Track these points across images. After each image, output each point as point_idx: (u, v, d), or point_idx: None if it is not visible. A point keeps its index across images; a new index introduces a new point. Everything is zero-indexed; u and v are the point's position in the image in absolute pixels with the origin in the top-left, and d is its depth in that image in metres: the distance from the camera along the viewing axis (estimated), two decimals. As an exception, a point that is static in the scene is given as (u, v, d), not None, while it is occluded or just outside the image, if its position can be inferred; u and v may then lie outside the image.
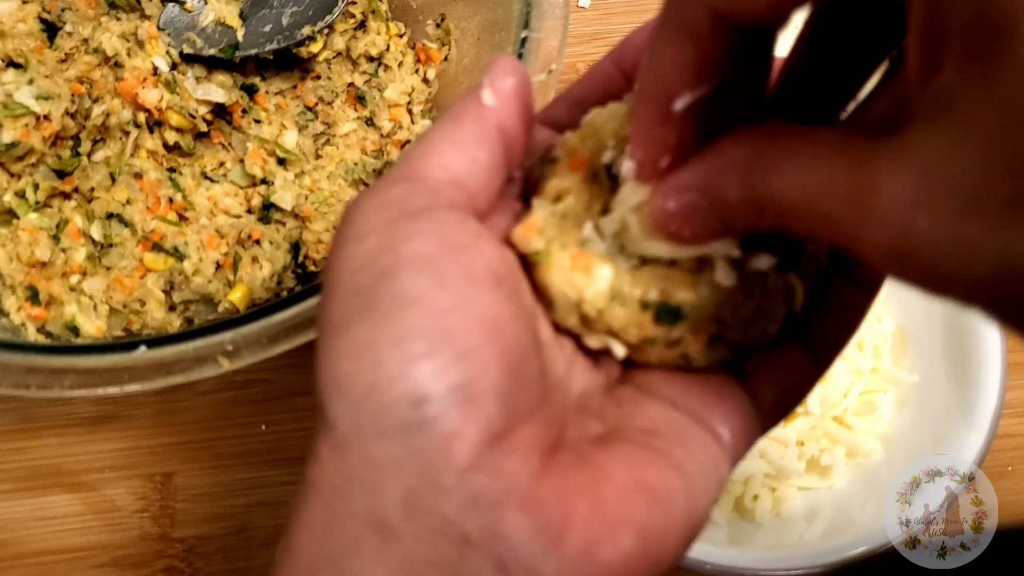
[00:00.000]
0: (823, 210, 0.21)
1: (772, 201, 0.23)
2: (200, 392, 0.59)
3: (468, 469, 0.22)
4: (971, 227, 0.18)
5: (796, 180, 0.22)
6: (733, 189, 0.24)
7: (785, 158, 0.22)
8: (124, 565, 0.54)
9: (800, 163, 0.22)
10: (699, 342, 0.27)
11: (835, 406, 0.52)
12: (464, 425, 0.22)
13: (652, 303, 0.26)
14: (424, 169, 0.25)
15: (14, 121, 0.52)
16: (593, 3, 0.73)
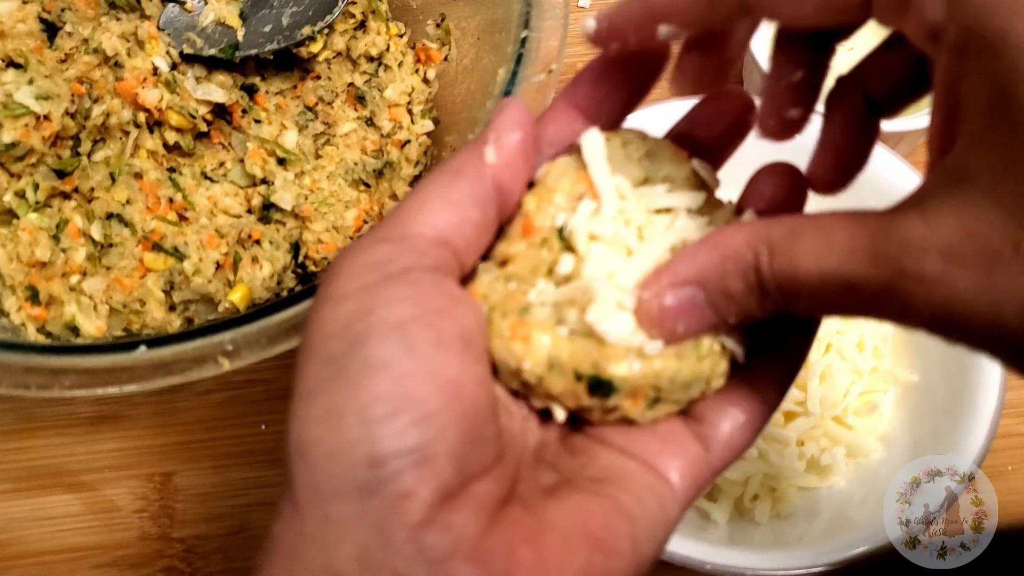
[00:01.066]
0: (844, 278, 0.23)
1: (781, 283, 0.24)
2: (200, 392, 0.59)
3: (419, 526, 0.23)
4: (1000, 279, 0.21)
5: (809, 255, 0.23)
6: (735, 279, 0.25)
7: (793, 239, 0.24)
8: (124, 565, 0.54)
9: (812, 239, 0.23)
10: (637, 407, 0.28)
11: (835, 406, 0.52)
12: (418, 484, 0.23)
13: (585, 376, 0.27)
14: (413, 227, 0.26)
15: (14, 121, 0.52)
16: (593, 3, 0.73)
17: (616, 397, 0.27)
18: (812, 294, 0.24)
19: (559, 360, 0.27)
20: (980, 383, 0.48)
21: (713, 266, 0.25)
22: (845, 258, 0.23)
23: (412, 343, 0.24)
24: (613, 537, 0.24)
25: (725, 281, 0.25)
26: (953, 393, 0.49)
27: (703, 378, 0.28)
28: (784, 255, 0.24)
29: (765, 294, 0.25)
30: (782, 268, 0.24)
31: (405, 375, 0.23)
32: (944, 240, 0.22)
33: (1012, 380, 0.50)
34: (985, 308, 0.21)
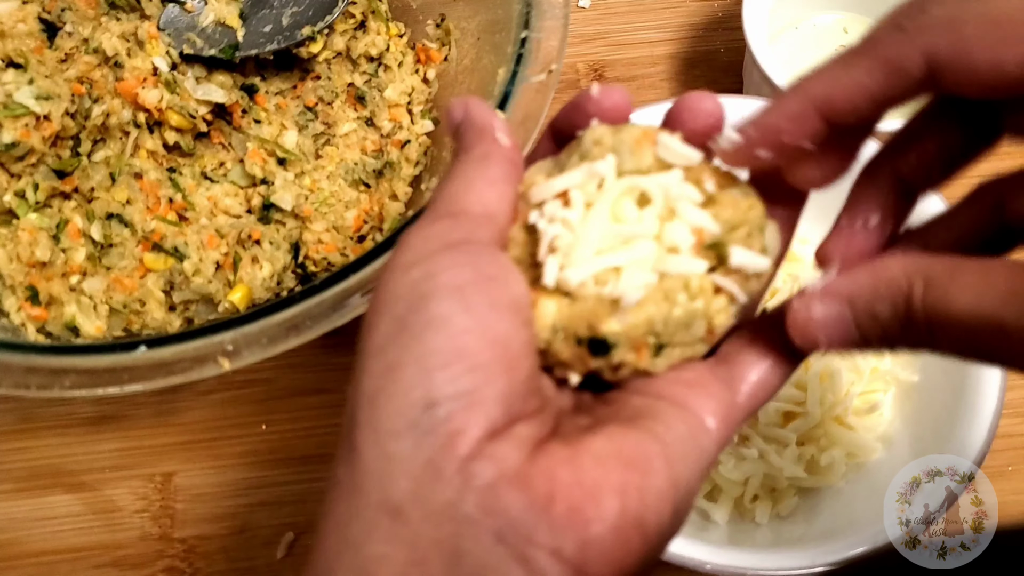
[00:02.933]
0: (1000, 321, 0.23)
1: (931, 316, 0.25)
2: (200, 392, 0.59)
3: (467, 458, 0.25)
4: None
5: (966, 293, 0.24)
6: (885, 303, 0.26)
7: (952, 275, 0.25)
8: (124, 565, 0.54)
9: (972, 278, 0.24)
10: (642, 357, 0.28)
11: (835, 406, 0.52)
12: (468, 423, 0.25)
13: (584, 338, 0.28)
14: (463, 204, 0.28)
15: (14, 121, 0.52)
16: (593, 3, 0.73)
17: (618, 353, 0.28)
18: (961, 333, 0.25)
19: (561, 326, 0.28)
20: (980, 383, 0.48)
21: (866, 287, 0.26)
22: (1004, 300, 0.24)
23: (468, 303, 0.26)
24: (646, 458, 0.26)
25: (875, 304, 0.26)
26: (953, 393, 0.49)
27: (700, 315, 0.28)
28: (940, 289, 0.25)
29: (911, 324, 0.26)
30: (936, 302, 0.25)
31: (461, 331, 0.26)
32: None
33: (1012, 380, 0.50)
34: None
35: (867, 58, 0.26)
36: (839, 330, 0.27)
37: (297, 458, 0.57)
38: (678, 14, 0.73)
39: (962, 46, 0.25)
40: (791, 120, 0.28)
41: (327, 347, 0.60)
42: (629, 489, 0.25)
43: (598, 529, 0.24)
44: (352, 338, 0.64)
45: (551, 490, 0.24)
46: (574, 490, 0.25)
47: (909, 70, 0.26)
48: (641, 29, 0.72)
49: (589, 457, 0.25)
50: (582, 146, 0.30)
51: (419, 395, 0.25)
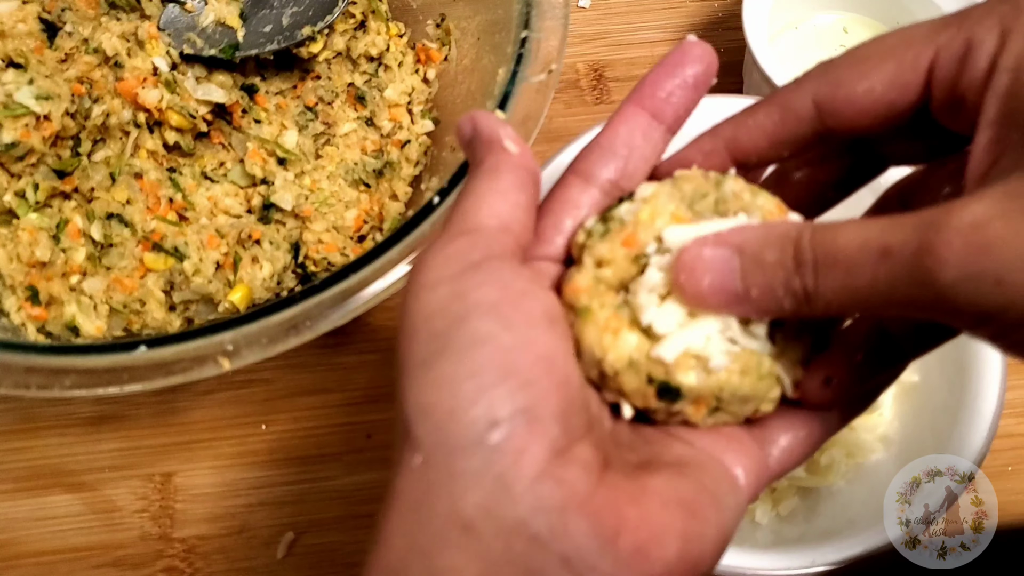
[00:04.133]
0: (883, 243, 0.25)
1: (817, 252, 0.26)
2: (200, 392, 0.59)
3: (536, 479, 0.25)
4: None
5: (852, 229, 0.26)
6: (773, 248, 0.27)
7: (838, 224, 0.26)
8: (124, 565, 0.54)
9: (857, 221, 0.26)
10: (698, 413, 0.30)
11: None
12: (531, 442, 0.25)
13: (656, 380, 0.29)
14: (479, 220, 0.29)
15: (14, 121, 0.52)
16: (593, 3, 0.73)
17: (681, 403, 0.30)
18: (847, 264, 0.25)
19: (637, 361, 0.29)
20: (980, 383, 0.48)
21: (756, 237, 0.28)
22: (887, 228, 0.25)
23: (507, 320, 0.27)
24: (703, 509, 0.27)
25: (763, 250, 0.27)
26: (953, 393, 0.49)
27: (759, 397, 0.30)
28: (828, 230, 0.26)
29: (798, 266, 0.26)
30: (822, 240, 0.26)
31: (506, 347, 0.26)
32: (984, 203, 0.23)
33: (1012, 380, 0.50)
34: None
35: (767, 104, 0.31)
36: (723, 273, 0.28)
37: (297, 458, 0.57)
38: (678, 14, 0.73)
39: (837, 83, 0.29)
40: (705, 156, 0.32)
41: (327, 347, 0.60)
42: (690, 535, 0.26)
43: (659, 570, 0.25)
44: (352, 338, 0.64)
45: (618, 524, 0.25)
46: (641, 529, 0.25)
47: (799, 111, 0.30)
48: (641, 29, 0.72)
49: (654, 498, 0.26)
50: (720, 191, 0.31)
51: (481, 412, 0.25)
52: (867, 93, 0.29)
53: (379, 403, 0.59)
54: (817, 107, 0.30)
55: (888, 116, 0.29)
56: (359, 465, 0.57)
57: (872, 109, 0.29)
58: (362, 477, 0.56)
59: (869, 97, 0.29)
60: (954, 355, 0.50)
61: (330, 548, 0.55)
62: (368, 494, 0.56)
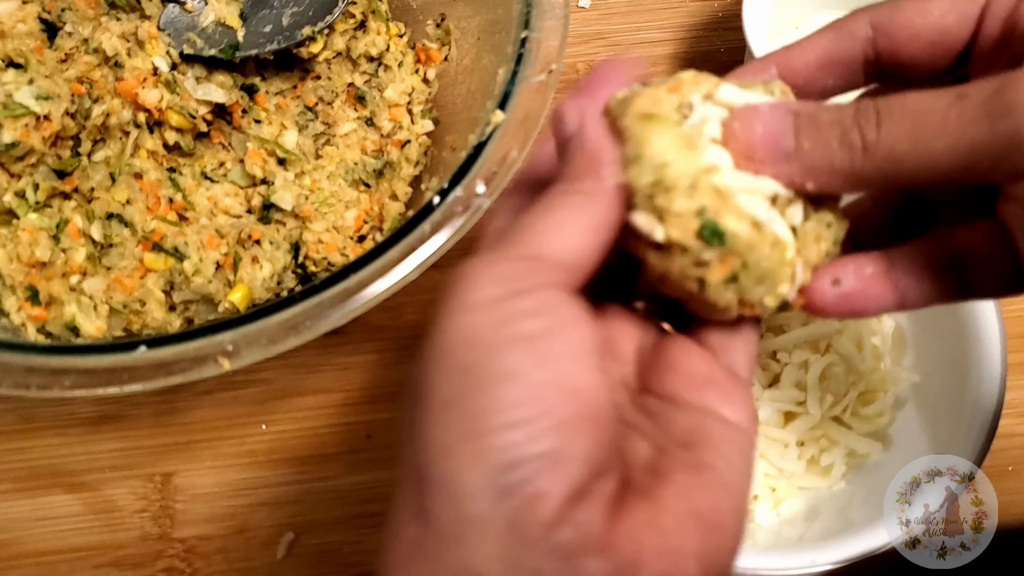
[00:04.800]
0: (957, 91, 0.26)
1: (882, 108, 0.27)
2: (200, 392, 0.59)
3: (551, 524, 0.24)
4: None
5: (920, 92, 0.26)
6: (831, 111, 0.28)
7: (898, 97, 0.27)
8: (124, 565, 0.54)
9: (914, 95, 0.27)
10: (719, 273, 0.29)
11: (835, 406, 0.52)
12: (552, 486, 0.24)
13: (705, 218, 0.28)
14: (549, 250, 0.27)
15: (14, 121, 0.52)
16: (593, 3, 0.73)
17: (713, 251, 0.28)
18: (913, 112, 0.26)
19: (699, 184, 0.28)
20: (980, 384, 0.48)
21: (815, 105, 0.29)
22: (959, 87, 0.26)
23: (542, 354, 0.25)
24: (721, 515, 0.26)
25: (820, 112, 0.28)
26: (953, 393, 0.49)
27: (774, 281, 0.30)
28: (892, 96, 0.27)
29: (860, 119, 0.27)
30: (887, 98, 0.27)
31: (537, 384, 0.25)
32: None
33: (1012, 380, 0.50)
34: None
35: (825, 29, 0.32)
36: (777, 128, 0.28)
37: (297, 458, 0.57)
38: (678, 14, 0.73)
39: (896, 7, 0.31)
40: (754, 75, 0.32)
41: (327, 347, 0.60)
42: (709, 553, 0.26)
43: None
44: (352, 338, 0.64)
45: (637, 557, 0.24)
46: (662, 559, 0.25)
47: (855, 31, 0.31)
48: (641, 29, 0.72)
49: (670, 518, 0.25)
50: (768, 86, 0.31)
51: (500, 456, 0.24)
52: (923, 15, 0.30)
53: (379, 403, 0.59)
54: (874, 28, 0.31)
55: (940, 45, 0.30)
56: (359, 465, 0.57)
57: (926, 34, 0.30)
58: (362, 477, 0.56)
59: (924, 20, 0.30)
60: (954, 355, 0.50)
61: (330, 548, 0.55)
62: (368, 494, 0.56)
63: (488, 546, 0.24)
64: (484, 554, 0.24)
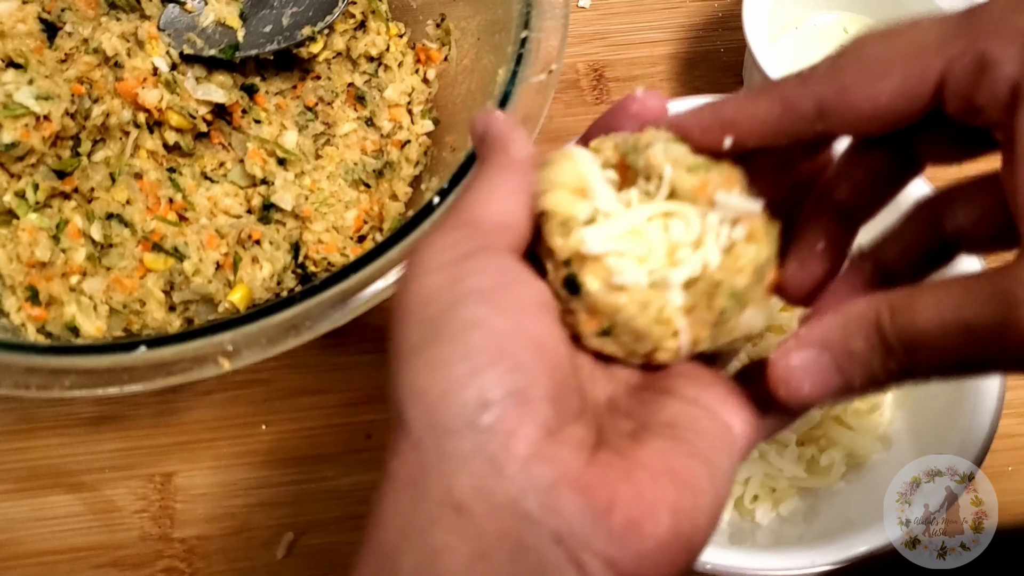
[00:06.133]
0: (962, 321, 0.25)
1: (902, 337, 0.26)
2: (200, 392, 0.59)
3: (527, 458, 0.26)
4: None
5: (928, 307, 0.26)
6: (858, 338, 0.27)
7: (912, 297, 0.27)
8: (124, 565, 0.54)
9: (931, 294, 0.26)
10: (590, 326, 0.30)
11: (835, 406, 0.52)
12: (522, 423, 0.26)
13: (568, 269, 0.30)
14: (480, 213, 0.30)
15: (14, 121, 0.52)
16: (593, 3, 0.73)
17: (577, 303, 0.30)
18: (933, 345, 0.26)
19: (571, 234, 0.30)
20: (980, 383, 0.48)
21: (837, 327, 0.28)
22: (963, 302, 0.25)
23: (499, 306, 0.27)
24: (695, 478, 0.27)
25: (849, 341, 0.27)
26: (953, 393, 0.49)
27: (654, 339, 0.30)
28: (905, 311, 0.26)
29: (889, 352, 0.27)
30: (903, 323, 0.26)
31: (497, 332, 0.27)
32: None
33: (1012, 380, 0.50)
34: None
35: (769, 96, 0.30)
36: (821, 375, 0.28)
37: (297, 458, 0.57)
38: (678, 14, 0.73)
39: (843, 88, 0.28)
40: (702, 130, 0.32)
41: (327, 347, 0.60)
42: (682, 508, 0.26)
43: (652, 545, 0.26)
44: (352, 338, 0.64)
45: (610, 501, 0.26)
46: (633, 504, 0.26)
47: (800, 109, 0.29)
48: (641, 29, 0.72)
49: (645, 473, 0.26)
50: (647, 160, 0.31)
51: (472, 394, 0.26)
52: (872, 101, 0.28)
53: (378, 403, 0.59)
54: (819, 109, 0.29)
55: (893, 123, 0.29)
56: (358, 465, 0.57)
57: (876, 116, 0.28)
58: (361, 477, 0.56)
59: (874, 105, 0.28)
60: (954, 355, 0.50)
61: (330, 548, 0.55)
62: (368, 494, 0.55)
63: (468, 479, 0.25)
64: (465, 486, 0.25)
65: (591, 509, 0.25)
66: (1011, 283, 0.24)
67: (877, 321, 0.27)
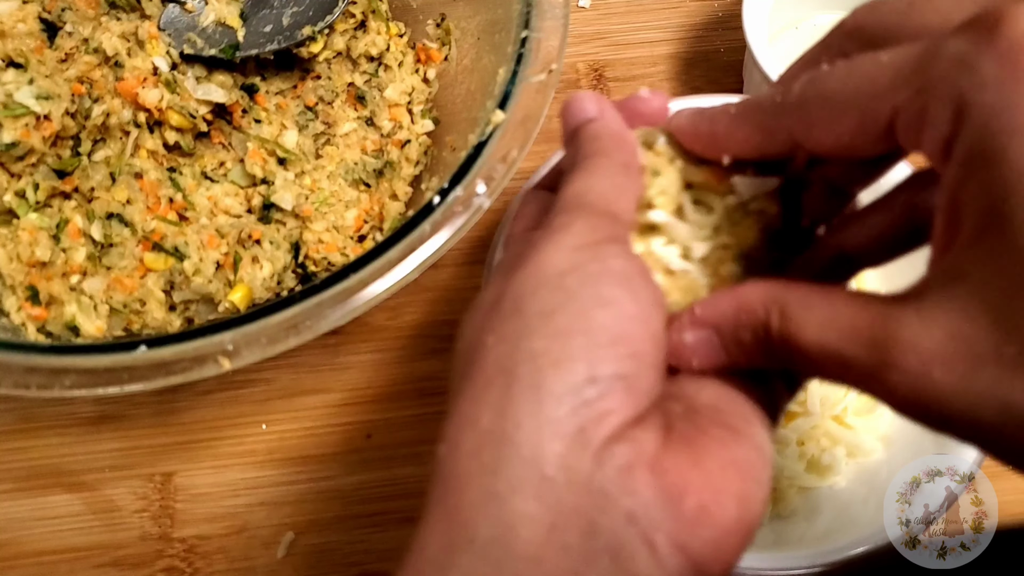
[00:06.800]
0: (839, 355, 0.26)
1: (785, 345, 0.27)
2: (200, 392, 0.59)
3: (613, 438, 0.26)
4: (980, 381, 0.23)
5: (813, 326, 0.27)
6: (747, 331, 0.29)
7: (803, 307, 0.27)
8: (124, 565, 0.54)
9: (820, 312, 0.27)
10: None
11: (835, 406, 0.52)
12: (621, 406, 0.27)
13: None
14: (614, 209, 0.31)
15: (14, 121, 0.52)
16: (593, 3, 0.73)
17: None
18: (811, 362, 0.27)
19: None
20: (980, 383, 0.48)
21: (730, 315, 0.29)
22: (844, 337, 0.26)
23: (634, 291, 0.28)
24: (754, 468, 0.28)
25: (737, 331, 0.29)
26: (953, 393, 0.49)
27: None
28: (792, 321, 0.27)
29: (771, 351, 0.28)
30: (788, 333, 0.27)
31: (626, 316, 0.28)
32: (932, 339, 0.24)
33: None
34: (964, 407, 0.24)
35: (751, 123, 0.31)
36: (710, 353, 0.30)
37: (297, 458, 0.57)
38: (678, 14, 0.73)
39: (808, 126, 0.29)
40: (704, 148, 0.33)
41: (327, 347, 0.60)
42: (747, 497, 0.27)
43: (720, 532, 0.26)
44: (352, 338, 0.64)
45: (683, 485, 0.26)
46: (704, 491, 0.26)
47: (779, 140, 0.30)
48: (641, 29, 0.72)
49: (713, 461, 0.27)
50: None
51: (584, 367, 0.27)
52: (835, 138, 0.29)
53: (379, 403, 0.59)
54: (793, 141, 0.30)
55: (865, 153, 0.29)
56: (358, 465, 0.57)
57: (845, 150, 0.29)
58: (362, 477, 0.56)
59: (838, 143, 0.29)
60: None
61: (330, 548, 0.55)
62: (368, 494, 0.56)
63: (555, 444, 0.26)
64: (550, 451, 0.26)
65: (665, 492, 0.26)
66: (892, 332, 0.25)
67: (766, 322, 0.28)
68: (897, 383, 0.25)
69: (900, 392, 0.25)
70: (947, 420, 0.25)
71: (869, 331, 0.25)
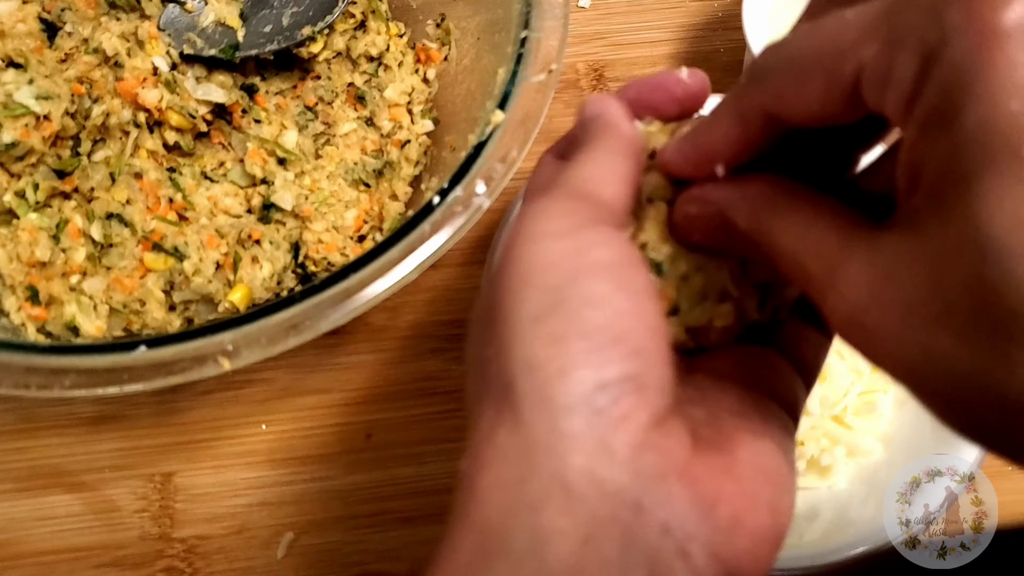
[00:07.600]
0: (803, 265, 0.26)
1: (767, 240, 0.28)
2: (200, 392, 0.59)
3: (638, 445, 0.26)
4: (907, 327, 0.23)
5: (791, 233, 0.27)
6: (743, 218, 0.29)
7: (790, 211, 0.27)
8: (124, 565, 0.54)
9: (800, 221, 0.27)
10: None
11: (835, 406, 0.52)
12: (635, 409, 0.26)
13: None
14: (598, 191, 0.29)
15: (14, 121, 0.52)
16: (593, 3, 0.73)
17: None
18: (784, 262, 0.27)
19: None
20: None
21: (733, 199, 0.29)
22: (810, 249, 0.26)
23: (621, 283, 0.27)
24: (784, 477, 0.28)
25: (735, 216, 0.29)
26: (953, 393, 0.49)
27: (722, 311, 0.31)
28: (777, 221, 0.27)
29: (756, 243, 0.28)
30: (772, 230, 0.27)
31: (620, 312, 0.27)
32: (870, 275, 0.24)
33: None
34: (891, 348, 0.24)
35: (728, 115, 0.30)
36: (708, 230, 0.30)
37: (297, 458, 0.57)
38: (678, 14, 0.73)
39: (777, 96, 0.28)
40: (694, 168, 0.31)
41: (327, 347, 0.60)
42: (778, 505, 0.27)
43: (754, 540, 0.26)
44: (352, 338, 0.64)
45: (716, 494, 0.26)
46: (737, 500, 0.26)
47: (754, 122, 0.29)
48: (641, 29, 0.72)
49: (745, 469, 0.27)
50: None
51: (590, 374, 0.26)
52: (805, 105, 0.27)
53: (379, 403, 0.59)
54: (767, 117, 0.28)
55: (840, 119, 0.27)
56: (358, 465, 0.57)
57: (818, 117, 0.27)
58: (362, 477, 0.56)
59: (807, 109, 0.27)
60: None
61: (330, 548, 0.55)
62: (368, 494, 0.56)
63: (579, 459, 0.25)
64: (575, 467, 0.25)
65: (699, 502, 0.25)
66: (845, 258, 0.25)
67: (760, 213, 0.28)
68: (835, 307, 0.25)
69: (837, 316, 0.25)
70: (873, 355, 0.25)
71: (827, 255, 0.26)
